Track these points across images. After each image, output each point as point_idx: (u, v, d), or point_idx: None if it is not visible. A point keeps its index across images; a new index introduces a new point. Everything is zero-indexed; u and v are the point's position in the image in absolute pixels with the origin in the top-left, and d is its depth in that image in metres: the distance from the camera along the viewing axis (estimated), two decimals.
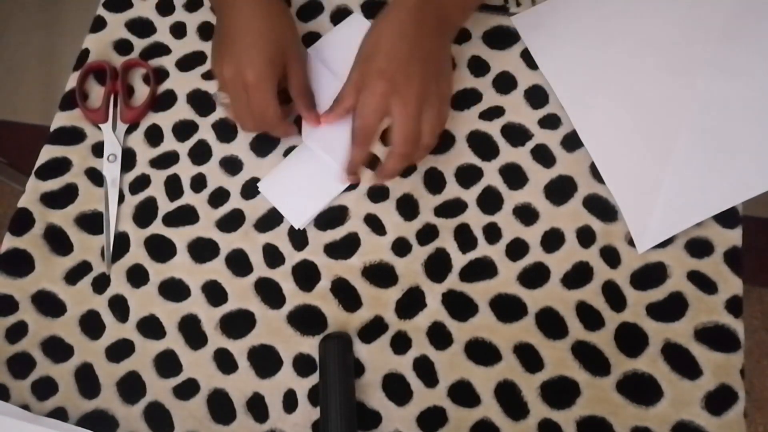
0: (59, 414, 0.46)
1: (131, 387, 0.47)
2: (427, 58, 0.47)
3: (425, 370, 0.46)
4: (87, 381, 0.47)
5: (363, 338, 0.47)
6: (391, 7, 0.48)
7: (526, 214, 0.50)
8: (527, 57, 0.55)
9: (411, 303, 0.48)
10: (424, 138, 0.47)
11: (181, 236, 0.51)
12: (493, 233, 0.49)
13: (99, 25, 0.58)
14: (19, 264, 0.50)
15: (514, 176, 0.51)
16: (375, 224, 0.50)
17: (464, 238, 0.49)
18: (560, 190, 0.50)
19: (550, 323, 0.47)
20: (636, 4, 0.55)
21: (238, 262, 0.50)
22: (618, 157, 0.50)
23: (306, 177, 0.51)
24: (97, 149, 0.54)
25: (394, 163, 0.47)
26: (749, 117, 0.50)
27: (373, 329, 0.47)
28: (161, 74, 0.56)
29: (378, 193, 0.51)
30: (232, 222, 0.51)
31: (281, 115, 0.48)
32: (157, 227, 0.51)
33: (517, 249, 0.49)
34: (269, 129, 0.50)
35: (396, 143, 0.46)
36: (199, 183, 0.52)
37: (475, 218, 0.50)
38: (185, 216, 0.51)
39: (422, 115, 0.46)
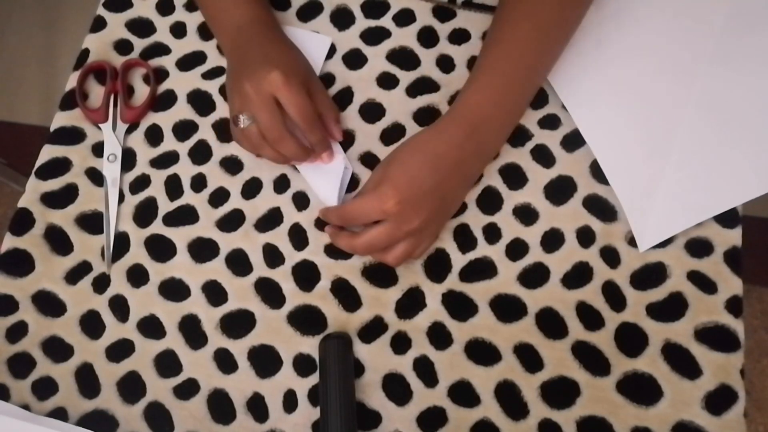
0: (59, 414, 0.46)
1: (131, 387, 0.47)
2: (443, 200, 0.46)
3: (425, 370, 0.46)
4: (87, 381, 0.47)
5: (363, 338, 0.47)
6: (435, 129, 0.46)
7: (526, 214, 0.50)
8: None
9: (411, 303, 0.48)
10: (389, 256, 0.46)
11: (181, 236, 0.51)
12: (492, 233, 0.49)
13: (99, 25, 0.58)
14: (20, 264, 0.50)
15: (514, 176, 0.51)
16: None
17: (464, 238, 0.49)
18: (560, 190, 0.50)
19: (550, 323, 0.47)
20: (637, 4, 0.55)
21: (238, 262, 0.50)
22: (620, 156, 0.50)
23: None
24: (97, 149, 0.54)
25: (344, 243, 0.47)
26: (751, 117, 0.50)
27: (373, 329, 0.47)
28: (161, 74, 0.56)
29: None
30: (232, 222, 0.51)
31: (312, 113, 0.47)
32: (157, 227, 0.51)
33: (517, 249, 0.49)
34: (310, 128, 0.47)
35: (359, 242, 0.45)
36: (199, 183, 0.52)
37: (474, 218, 0.50)
38: (185, 216, 0.51)
39: (404, 240, 0.45)
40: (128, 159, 0.53)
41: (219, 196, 0.52)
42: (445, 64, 0.55)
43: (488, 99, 0.47)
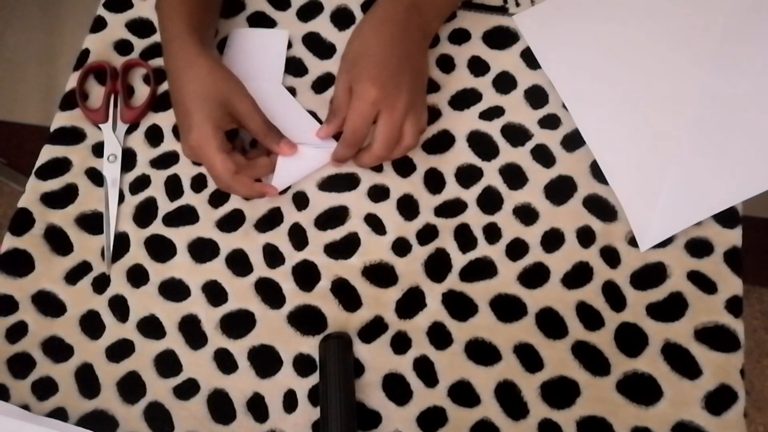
0: (59, 414, 0.46)
1: (131, 387, 0.47)
2: (414, 68, 0.49)
3: (425, 370, 0.46)
4: (87, 381, 0.47)
5: (363, 338, 0.47)
6: (376, 13, 0.50)
7: (526, 214, 0.50)
8: (527, 57, 0.55)
9: (411, 303, 0.48)
10: (406, 140, 0.48)
11: (181, 236, 0.51)
12: (493, 233, 0.49)
13: (99, 25, 0.58)
14: (19, 264, 0.50)
15: (514, 176, 0.51)
16: (375, 224, 0.50)
17: (464, 238, 0.49)
18: (560, 190, 0.50)
19: (550, 323, 0.47)
20: (638, 3, 0.55)
21: (238, 262, 0.50)
22: (620, 156, 0.50)
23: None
24: (97, 149, 0.54)
25: (370, 161, 0.50)
26: (751, 115, 0.50)
27: (373, 329, 0.47)
28: (161, 74, 0.56)
29: (378, 193, 0.51)
30: (232, 222, 0.51)
31: (232, 169, 0.47)
32: (157, 227, 0.51)
33: (517, 249, 0.49)
34: (227, 187, 0.49)
35: (377, 147, 0.48)
36: (199, 183, 0.52)
37: (475, 218, 0.50)
38: (185, 216, 0.51)
39: (406, 120, 0.48)
40: (128, 159, 0.53)
41: (219, 196, 0.52)
42: (445, 64, 0.55)
43: None
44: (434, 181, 0.51)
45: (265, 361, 0.47)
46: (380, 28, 0.49)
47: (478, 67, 0.55)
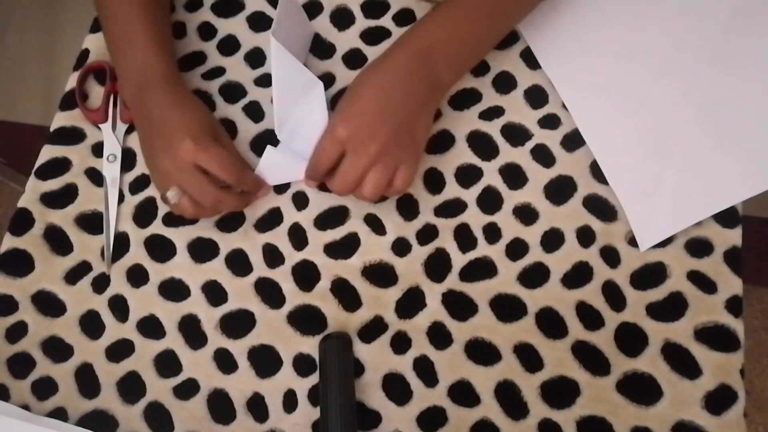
0: (59, 414, 0.46)
1: (131, 387, 0.47)
2: (401, 119, 0.46)
3: (425, 370, 0.46)
4: (87, 381, 0.47)
5: (363, 338, 0.47)
6: (383, 58, 0.48)
7: (526, 214, 0.50)
8: (527, 57, 0.55)
9: (411, 303, 0.48)
10: (363, 189, 0.46)
11: (181, 236, 0.51)
12: (493, 233, 0.49)
13: (99, 25, 0.58)
14: (19, 264, 0.50)
15: (514, 176, 0.51)
16: (375, 224, 0.50)
17: (464, 238, 0.49)
18: (560, 190, 0.50)
19: (550, 323, 0.47)
20: (639, 3, 0.55)
21: (238, 262, 0.50)
22: (620, 155, 0.50)
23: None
24: (97, 149, 0.54)
25: (332, 189, 0.47)
26: (751, 115, 0.50)
27: (373, 329, 0.47)
28: None
29: None
30: (232, 222, 0.51)
31: (242, 159, 0.47)
32: (157, 227, 0.51)
33: (517, 249, 0.49)
34: (239, 182, 0.47)
35: (332, 183, 0.47)
36: None
37: (475, 218, 0.50)
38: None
39: (372, 169, 0.45)
40: (128, 159, 0.53)
41: None
42: None
43: (441, 28, 0.47)
44: (434, 181, 0.51)
45: (265, 361, 0.47)
46: (378, 71, 0.47)
47: (478, 67, 0.55)
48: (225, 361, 0.47)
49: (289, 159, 0.49)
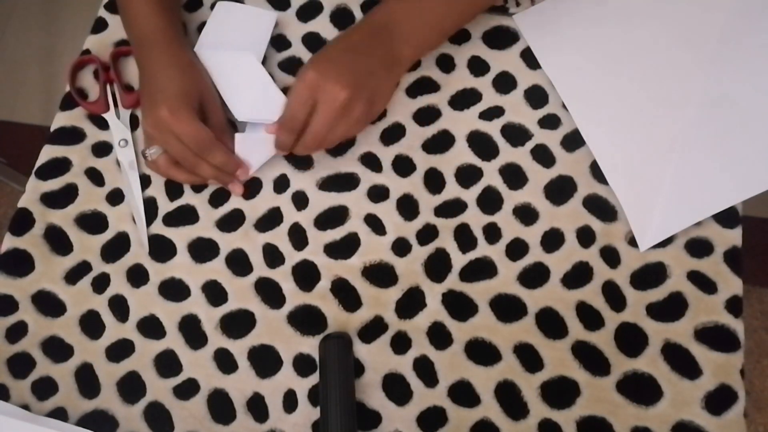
0: (59, 414, 0.46)
1: (131, 387, 0.47)
2: (364, 74, 0.48)
3: (425, 370, 0.46)
4: (87, 381, 0.47)
5: (363, 338, 0.47)
6: (347, 31, 0.51)
7: (526, 214, 0.50)
8: (527, 57, 0.55)
9: (411, 303, 0.48)
10: (336, 129, 0.48)
11: (181, 236, 0.51)
12: (493, 233, 0.49)
13: (100, 26, 0.58)
14: (19, 264, 0.50)
15: (514, 176, 0.51)
16: (375, 224, 0.50)
17: (464, 238, 0.49)
18: (560, 190, 0.50)
19: (550, 323, 0.47)
20: (639, 3, 0.55)
21: (238, 262, 0.50)
22: (620, 156, 0.50)
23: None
24: (98, 149, 0.54)
25: (312, 139, 0.48)
26: (750, 115, 0.50)
27: (373, 329, 0.47)
28: None
29: (378, 193, 0.51)
30: (232, 222, 0.51)
31: (211, 135, 0.48)
32: (157, 227, 0.51)
33: (517, 249, 0.49)
34: (209, 157, 0.48)
35: (309, 136, 0.48)
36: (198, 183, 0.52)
37: (475, 218, 0.50)
38: (185, 216, 0.51)
39: (341, 119, 0.47)
40: None
41: (219, 196, 0.52)
42: (445, 64, 0.55)
43: (400, 5, 0.50)
44: (434, 181, 0.51)
45: (265, 361, 0.47)
46: (345, 36, 0.50)
47: (478, 67, 0.55)
48: (225, 361, 0.47)
49: (258, 136, 0.51)
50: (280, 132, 0.49)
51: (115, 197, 0.52)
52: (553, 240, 0.49)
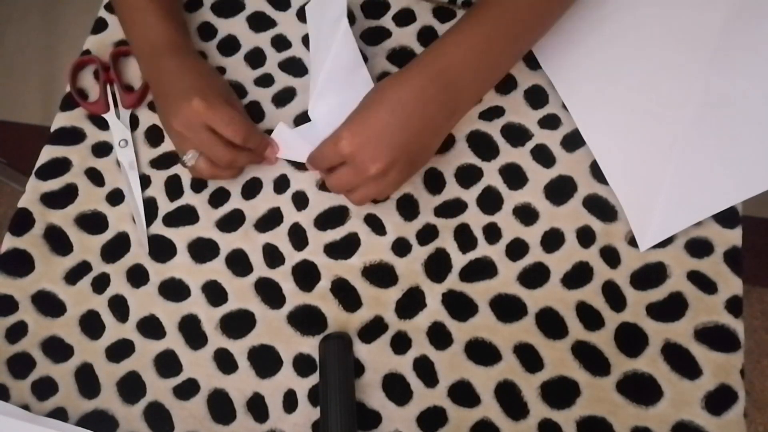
0: (59, 414, 0.46)
1: (131, 387, 0.47)
2: (405, 148, 0.45)
3: (425, 370, 0.46)
4: (87, 381, 0.47)
5: (363, 338, 0.47)
6: (401, 75, 0.46)
7: (526, 214, 0.50)
8: (527, 57, 0.55)
9: (411, 303, 0.48)
10: (356, 193, 0.47)
11: (181, 236, 0.51)
12: (493, 233, 0.49)
13: (100, 26, 0.58)
14: (19, 264, 0.50)
15: (514, 176, 0.51)
16: (375, 224, 0.50)
17: (464, 238, 0.49)
18: (560, 190, 0.50)
19: (550, 323, 0.47)
20: (638, 3, 0.55)
21: (238, 262, 0.50)
22: (620, 156, 0.50)
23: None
24: (98, 149, 0.54)
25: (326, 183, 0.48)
26: (750, 115, 0.50)
27: (373, 329, 0.47)
28: None
29: None
30: (232, 222, 0.51)
31: (251, 123, 0.48)
32: (157, 227, 0.51)
33: (517, 249, 0.49)
34: (246, 140, 0.47)
35: (327, 181, 0.47)
36: (199, 183, 0.52)
37: (475, 218, 0.50)
38: (185, 216, 0.51)
39: (364, 183, 0.46)
40: None
41: (219, 196, 0.52)
42: None
43: (463, 51, 0.46)
44: (434, 181, 0.51)
45: (265, 361, 0.47)
46: (395, 89, 0.45)
47: None
48: (225, 361, 0.47)
49: (298, 140, 0.50)
50: (308, 162, 0.50)
51: (115, 197, 0.52)
52: (553, 240, 0.49)
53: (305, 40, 0.57)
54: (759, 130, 0.50)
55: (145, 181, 0.52)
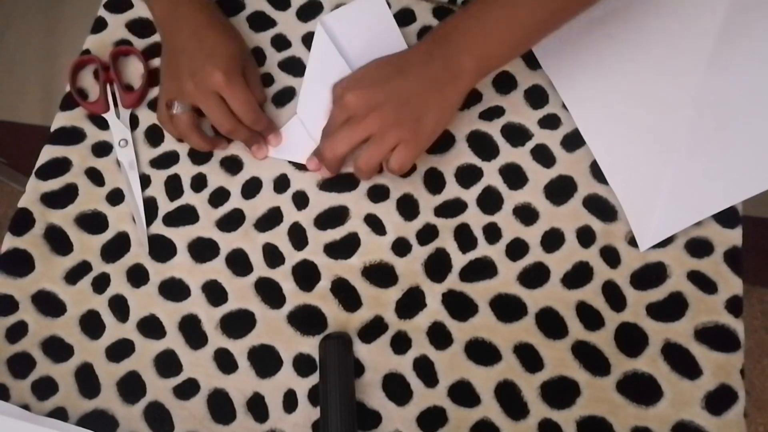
0: (59, 414, 0.46)
1: (131, 387, 0.47)
2: (407, 104, 0.45)
3: (425, 370, 0.46)
4: (87, 381, 0.47)
5: (363, 338, 0.47)
6: (412, 47, 0.48)
7: (526, 214, 0.50)
8: (527, 57, 0.55)
9: (411, 303, 0.48)
10: (359, 156, 0.46)
11: (181, 236, 0.51)
12: (493, 233, 0.49)
13: (100, 25, 0.58)
14: (19, 264, 0.50)
15: (514, 176, 0.51)
16: (375, 224, 0.50)
17: (464, 238, 0.49)
18: (560, 190, 0.50)
19: (550, 323, 0.47)
20: (638, 3, 0.55)
21: (238, 262, 0.50)
22: (620, 156, 0.50)
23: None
24: (98, 149, 0.54)
25: (323, 160, 0.49)
26: (750, 115, 0.50)
27: (373, 329, 0.47)
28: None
29: (378, 193, 0.51)
30: (232, 222, 0.51)
31: (260, 109, 0.49)
32: (157, 227, 0.51)
33: (517, 249, 0.49)
34: (254, 123, 0.50)
35: (324, 146, 0.47)
36: (199, 183, 0.52)
37: (475, 218, 0.50)
38: (185, 216, 0.51)
39: (365, 144, 0.46)
40: None
41: (219, 196, 0.52)
42: None
43: (467, 13, 0.46)
44: (434, 181, 0.51)
45: (265, 361, 0.47)
46: (398, 53, 0.48)
47: None
48: (225, 361, 0.47)
49: (304, 135, 0.51)
50: (318, 150, 0.50)
51: (115, 197, 0.52)
52: (553, 240, 0.49)
53: (305, 40, 0.57)
54: (759, 130, 0.50)
55: (145, 181, 0.52)
